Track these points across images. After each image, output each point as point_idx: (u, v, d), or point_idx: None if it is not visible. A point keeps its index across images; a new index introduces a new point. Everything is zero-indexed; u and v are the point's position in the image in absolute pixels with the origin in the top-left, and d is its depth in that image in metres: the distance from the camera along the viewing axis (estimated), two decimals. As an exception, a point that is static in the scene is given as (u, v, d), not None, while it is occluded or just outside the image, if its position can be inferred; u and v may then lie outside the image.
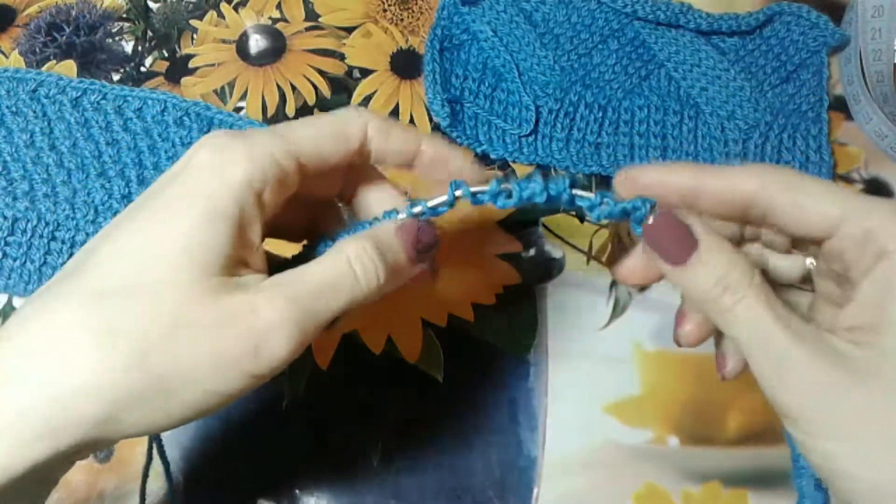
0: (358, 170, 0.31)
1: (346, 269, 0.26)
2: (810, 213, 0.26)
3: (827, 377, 0.24)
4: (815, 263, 0.29)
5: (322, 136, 0.28)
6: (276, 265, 0.29)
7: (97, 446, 0.25)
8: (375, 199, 0.31)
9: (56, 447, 0.24)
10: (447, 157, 0.30)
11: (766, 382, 0.26)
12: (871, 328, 0.25)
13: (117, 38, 0.50)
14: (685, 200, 0.28)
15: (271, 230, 0.30)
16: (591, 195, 0.28)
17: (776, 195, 0.27)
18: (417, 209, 0.29)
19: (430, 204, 0.28)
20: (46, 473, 0.25)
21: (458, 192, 0.28)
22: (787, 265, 0.30)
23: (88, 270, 0.25)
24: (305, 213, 0.32)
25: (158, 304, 0.24)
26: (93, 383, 0.23)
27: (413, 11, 0.51)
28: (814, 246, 0.28)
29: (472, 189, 0.28)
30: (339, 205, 0.33)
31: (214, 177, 0.26)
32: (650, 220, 0.27)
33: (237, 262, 0.26)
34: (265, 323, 0.25)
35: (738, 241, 0.30)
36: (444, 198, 0.28)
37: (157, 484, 0.40)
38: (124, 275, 0.25)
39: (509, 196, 0.28)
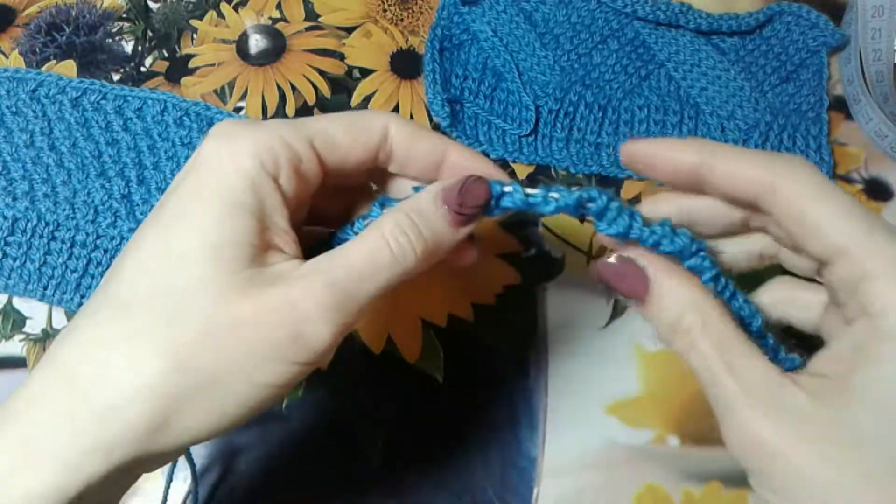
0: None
1: (383, 245, 0.25)
2: (809, 231, 0.24)
3: (766, 437, 0.23)
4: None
5: (337, 125, 0.27)
6: (317, 242, 0.28)
7: (152, 461, 0.25)
8: (408, 185, 0.30)
9: (109, 462, 0.23)
10: (476, 169, 0.28)
11: (718, 423, 0.25)
12: (836, 386, 0.23)
13: (117, 38, 0.50)
14: (690, 181, 0.27)
15: (308, 218, 0.29)
16: (536, 191, 0.27)
17: (783, 200, 0.24)
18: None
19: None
20: (104, 495, 0.25)
21: (507, 189, 0.27)
22: (798, 261, 0.28)
23: (116, 282, 0.25)
24: (340, 199, 0.31)
25: (189, 306, 0.24)
26: (134, 391, 0.23)
27: (413, 11, 0.51)
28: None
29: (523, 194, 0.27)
30: (374, 187, 0.32)
31: (224, 167, 0.25)
32: (608, 260, 0.27)
33: (265, 249, 0.25)
34: (304, 312, 0.24)
35: (741, 230, 0.29)
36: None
37: (154, 485, 0.40)
38: (151, 282, 0.24)
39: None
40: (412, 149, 0.28)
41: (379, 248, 0.25)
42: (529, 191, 0.27)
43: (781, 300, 0.29)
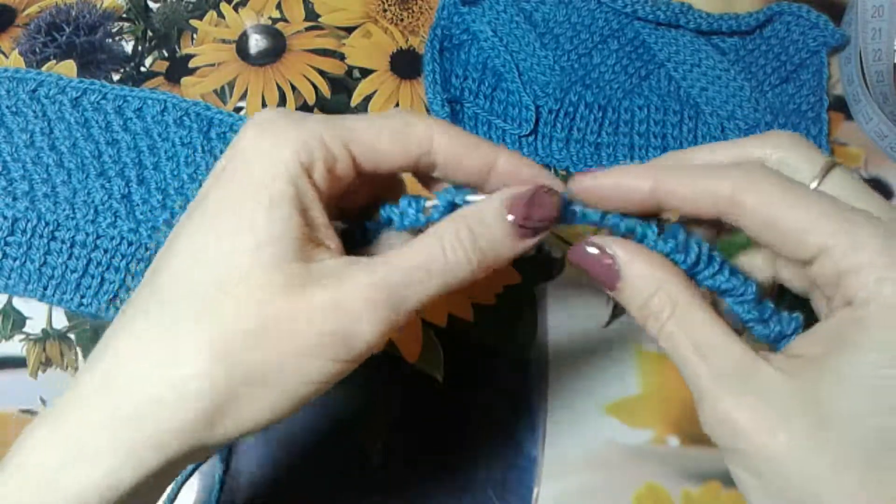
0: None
1: (439, 253, 0.25)
2: (784, 237, 0.24)
3: (737, 418, 0.23)
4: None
5: (379, 131, 0.26)
6: (352, 226, 0.29)
7: (204, 452, 0.25)
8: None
9: (165, 454, 0.23)
10: (529, 176, 0.27)
11: (695, 405, 0.25)
12: (809, 364, 0.24)
13: (117, 38, 0.50)
14: (648, 207, 0.26)
15: (336, 213, 0.29)
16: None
17: (750, 212, 0.24)
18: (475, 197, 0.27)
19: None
20: (155, 486, 0.25)
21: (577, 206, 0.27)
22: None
23: (164, 279, 0.25)
24: (369, 190, 0.30)
25: (237, 302, 0.24)
26: (184, 387, 0.23)
27: (413, 11, 0.51)
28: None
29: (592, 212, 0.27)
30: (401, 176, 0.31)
31: (263, 159, 0.25)
32: (585, 248, 0.26)
33: (308, 243, 0.25)
34: (354, 313, 0.24)
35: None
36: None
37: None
38: (197, 276, 0.24)
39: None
40: (460, 160, 0.27)
41: (435, 254, 0.25)
42: (587, 211, 0.27)
43: (772, 258, 0.29)
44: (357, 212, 0.30)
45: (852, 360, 0.23)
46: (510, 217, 0.26)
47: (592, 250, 0.26)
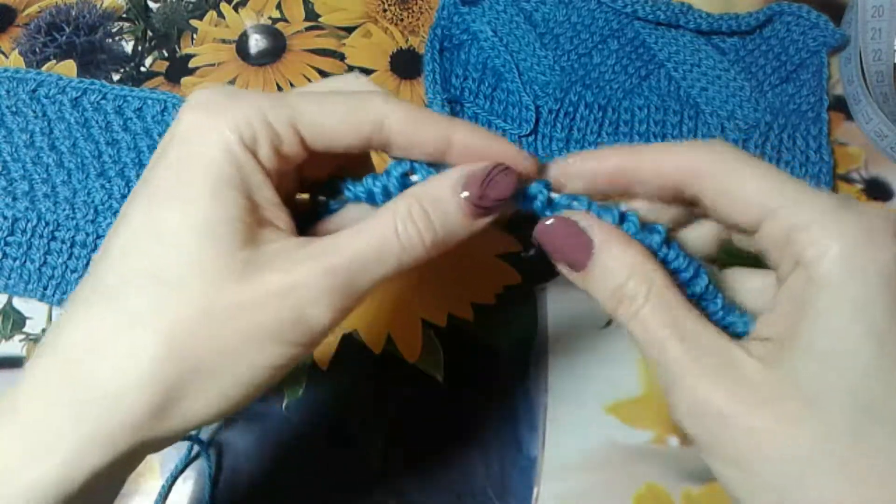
0: None
1: (392, 235, 0.24)
2: (735, 202, 0.24)
3: (717, 402, 0.23)
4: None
5: (329, 115, 0.25)
6: (309, 210, 0.28)
7: (157, 444, 0.25)
8: None
9: (114, 450, 0.23)
10: (488, 148, 0.26)
11: (665, 395, 0.24)
12: (782, 346, 0.23)
13: (117, 38, 0.50)
14: (617, 185, 0.26)
15: (300, 186, 0.29)
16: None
17: (707, 181, 0.25)
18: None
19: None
20: (112, 478, 0.24)
21: (534, 189, 0.26)
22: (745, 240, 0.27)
23: (107, 268, 0.24)
24: (333, 164, 0.29)
25: (185, 291, 0.23)
26: (134, 379, 0.23)
27: (413, 11, 0.51)
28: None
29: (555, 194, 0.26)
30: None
31: (205, 140, 0.24)
32: (547, 223, 0.25)
33: (258, 225, 0.25)
34: (306, 297, 0.24)
35: (687, 220, 0.28)
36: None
37: (154, 482, 0.40)
38: (143, 264, 0.24)
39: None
40: (414, 136, 0.26)
41: (387, 235, 0.24)
42: (554, 196, 0.26)
43: (718, 234, 0.28)
44: (324, 181, 0.29)
45: (816, 329, 0.22)
46: (464, 194, 0.25)
47: (562, 226, 0.25)
